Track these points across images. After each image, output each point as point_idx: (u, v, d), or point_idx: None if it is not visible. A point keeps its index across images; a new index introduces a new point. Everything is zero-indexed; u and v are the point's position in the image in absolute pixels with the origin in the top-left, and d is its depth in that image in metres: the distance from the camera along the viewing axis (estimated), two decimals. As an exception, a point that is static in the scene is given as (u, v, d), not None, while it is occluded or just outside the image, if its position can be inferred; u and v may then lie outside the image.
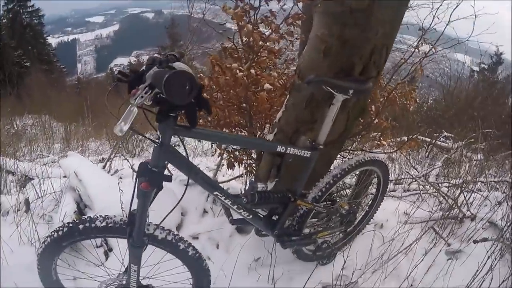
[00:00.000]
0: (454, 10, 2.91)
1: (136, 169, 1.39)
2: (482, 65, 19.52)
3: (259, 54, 2.34)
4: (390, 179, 3.83)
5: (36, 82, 22.30)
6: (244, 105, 2.47)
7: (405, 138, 5.36)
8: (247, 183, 2.94)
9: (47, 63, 31.99)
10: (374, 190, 2.54)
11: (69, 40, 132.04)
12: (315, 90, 1.80)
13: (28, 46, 30.68)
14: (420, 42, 2.86)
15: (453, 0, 3.11)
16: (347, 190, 3.04)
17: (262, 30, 2.47)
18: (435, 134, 6.19)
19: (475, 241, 2.38)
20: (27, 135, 9.96)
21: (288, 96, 1.99)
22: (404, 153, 4.59)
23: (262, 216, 1.84)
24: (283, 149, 1.66)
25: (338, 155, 2.49)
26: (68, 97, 21.58)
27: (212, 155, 4.26)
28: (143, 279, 1.64)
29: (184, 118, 1.30)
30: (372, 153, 2.81)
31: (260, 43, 2.27)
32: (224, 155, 2.97)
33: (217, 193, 1.57)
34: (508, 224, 2.39)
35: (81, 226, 1.42)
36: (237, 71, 2.15)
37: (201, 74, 2.64)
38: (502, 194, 3.03)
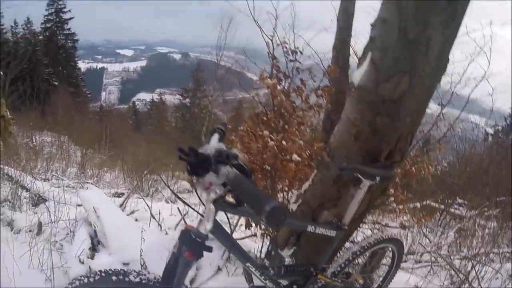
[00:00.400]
0: (473, 89, 3.02)
1: (150, 209, 1.44)
2: (497, 127, 19.46)
3: (289, 123, 2.47)
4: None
5: (61, 102, 22.92)
6: (267, 167, 2.57)
7: (418, 204, 5.35)
8: (263, 244, 2.97)
9: (74, 86, 33.19)
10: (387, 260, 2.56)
11: (98, 68, 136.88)
12: (344, 172, 1.87)
13: (59, 66, 32.12)
14: (439, 117, 2.96)
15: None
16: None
17: (294, 100, 2.62)
18: (448, 201, 6.14)
19: None
20: (44, 152, 10.13)
21: (316, 171, 2.07)
22: (416, 220, 4.57)
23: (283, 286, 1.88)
24: (312, 229, 1.75)
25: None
26: (88, 123, 22.18)
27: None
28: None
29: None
30: (388, 227, 2.84)
31: (291, 112, 2.41)
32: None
33: (249, 265, 1.63)
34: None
35: (114, 278, 1.42)
36: (268, 139, 2.26)
37: (234, 137, 2.74)
38: None
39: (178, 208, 4.04)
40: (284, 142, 2.30)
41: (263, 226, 2.87)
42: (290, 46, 2.76)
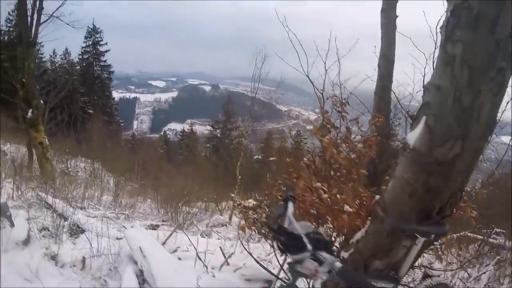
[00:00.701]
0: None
1: (196, 250, 1.57)
2: None
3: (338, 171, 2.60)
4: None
5: (95, 130, 23.67)
6: (313, 211, 2.69)
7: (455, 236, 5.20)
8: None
9: (109, 115, 34.42)
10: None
11: (131, 98, 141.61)
12: (396, 227, 1.98)
13: (95, 95, 33.52)
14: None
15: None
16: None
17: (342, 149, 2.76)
18: (484, 231, 5.95)
19: None
20: (78, 178, 10.43)
21: (369, 224, 2.20)
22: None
23: None
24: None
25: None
26: (121, 150, 22.84)
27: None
28: None
29: None
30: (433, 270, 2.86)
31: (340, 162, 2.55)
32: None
33: None
34: None
35: None
36: (322, 191, 2.39)
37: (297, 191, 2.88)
38: None
39: (221, 248, 4.11)
40: (339, 196, 2.42)
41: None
42: (338, 99, 2.92)
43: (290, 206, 1.67)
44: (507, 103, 3.55)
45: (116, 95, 62.06)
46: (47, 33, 9.33)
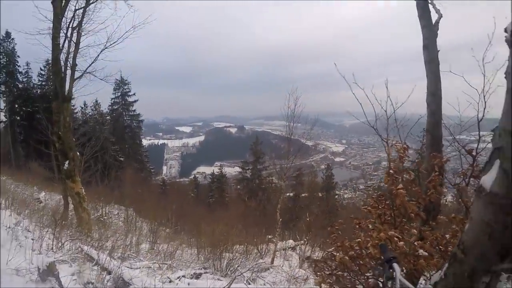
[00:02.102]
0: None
1: None
2: None
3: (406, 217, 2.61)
4: None
5: (127, 177, 24.19)
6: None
7: None
8: None
9: (139, 162, 35.31)
10: None
11: (159, 144, 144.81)
12: (477, 265, 2.04)
13: (125, 144, 34.78)
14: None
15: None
16: None
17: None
18: None
19: None
20: (111, 224, 10.50)
21: (447, 265, 2.23)
22: None
23: None
24: None
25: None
26: (153, 196, 23.10)
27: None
28: None
29: None
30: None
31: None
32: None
33: None
34: None
35: None
36: (397, 239, 2.40)
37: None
38: None
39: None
40: (421, 251, 2.42)
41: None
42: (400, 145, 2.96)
43: (397, 268, 1.68)
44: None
45: (145, 142, 63.94)
46: (80, 87, 9.76)
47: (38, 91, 33.03)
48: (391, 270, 1.59)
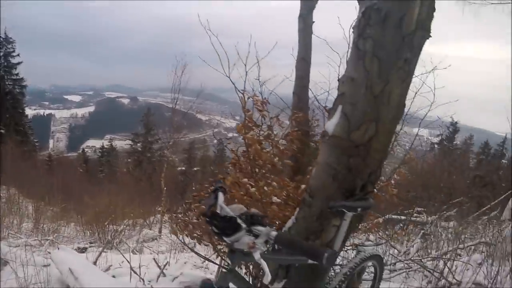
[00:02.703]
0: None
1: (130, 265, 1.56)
2: (441, 137, 21.06)
3: (263, 168, 2.68)
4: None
5: (8, 152, 21.66)
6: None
7: (381, 220, 5.62)
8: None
9: (22, 134, 31.40)
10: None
11: (45, 115, 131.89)
12: (324, 208, 2.11)
13: (6, 113, 30.22)
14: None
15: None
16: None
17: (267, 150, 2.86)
18: (406, 211, 6.46)
19: None
20: None
21: (298, 210, 2.30)
22: (380, 234, 4.83)
23: None
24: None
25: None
26: (38, 173, 21.08)
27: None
28: None
29: None
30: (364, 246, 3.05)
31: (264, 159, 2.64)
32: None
33: None
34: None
35: None
36: (249, 186, 2.45)
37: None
38: (481, 255, 3.28)
39: (155, 259, 4.02)
40: (266, 188, 2.49)
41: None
42: (259, 98, 3.00)
43: (220, 196, 1.69)
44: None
45: (29, 111, 57.32)
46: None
47: None
48: (215, 199, 1.62)
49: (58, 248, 3.78)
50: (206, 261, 3.89)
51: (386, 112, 1.95)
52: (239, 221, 1.51)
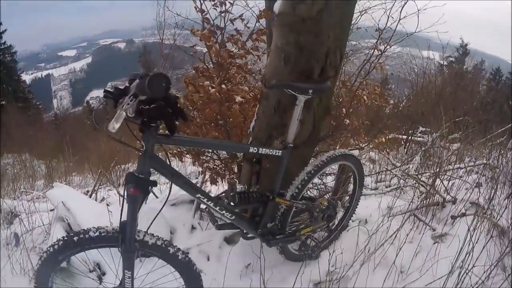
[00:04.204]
0: (402, 8, 3.09)
1: (118, 192, 1.49)
2: (450, 58, 20.11)
3: (229, 70, 2.47)
4: (370, 175, 3.98)
5: (13, 120, 21.80)
6: (220, 122, 2.59)
7: (383, 139, 5.52)
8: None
9: (23, 100, 31.29)
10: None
11: (43, 76, 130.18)
12: (281, 96, 1.94)
13: (3, 84, 29.96)
14: (378, 42, 3.03)
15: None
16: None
17: (230, 49, 2.61)
18: (410, 131, 6.36)
19: (453, 217, 2.54)
20: (8, 175, 9.79)
21: (258, 105, 2.12)
22: (383, 152, 4.72)
23: (245, 217, 1.97)
24: (255, 150, 1.80)
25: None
26: (46, 134, 21.27)
27: (197, 178, 4.33)
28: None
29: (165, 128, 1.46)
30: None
31: (229, 60, 2.40)
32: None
33: (199, 196, 1.68)
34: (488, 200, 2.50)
35: (75, 238, 1.49)
36: (209, 88, 2.27)
37: (178, 95, 2.75)
38: (482, 177, 3.17)
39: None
40: (224, 86, 2.30)
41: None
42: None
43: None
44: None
45: (27, 77, 56.63)
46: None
47: None
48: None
49: (53, 187, 3.77)
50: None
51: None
52: (131, 87, 1.35)
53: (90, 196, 4.17)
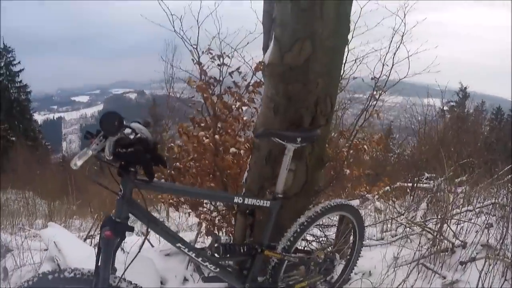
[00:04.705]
0: (394, 54, 3.14)
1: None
2: (450, 103, 20.24)
3: (224, 121, 2.49)
4: (375, 224, 3.86)
5: (21, 157, 21.97)
6: (218, 173, 2.57)
7: (388, 188, 5.42)
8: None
9: (33, 139, 31.51)
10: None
11: (55, 118, 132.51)
12: (272, 147, 1.90)
13: (15, 121, 30.49)
14: (374, 90, 3.05)
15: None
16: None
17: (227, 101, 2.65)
18: (416, 179, 6.27)
19: (462, 263, 2.41)
20: (9, 210, 9.76)
21: (251, 156, 2.09)
22: (388, 202, 4.61)
23: (231, 270, 1.86)
24: (240, 200, 1.74)
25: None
26: (52, 174, 21.31)
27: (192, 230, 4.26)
28: None
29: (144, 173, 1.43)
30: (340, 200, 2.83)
31: (224, 111, 2.43)
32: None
33: (180, 245, 1.61)
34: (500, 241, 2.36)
35: (50, 277, 1.42)
36: (204, 138, 2.26)
37: (172, 144, 2.75)
38: (491, 217, 3.01)
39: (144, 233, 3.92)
40: (217, 136, 2.30)
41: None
42: (215, 52, 2.75)
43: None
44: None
45: (39, 117, 57.68)
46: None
47: None
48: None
49: (47, 226, 3.77)
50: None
51: (320, 27, 1.70)
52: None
53: (85, 240, 4.10)
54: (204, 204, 2.96)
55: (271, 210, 1.82)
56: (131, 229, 1.44)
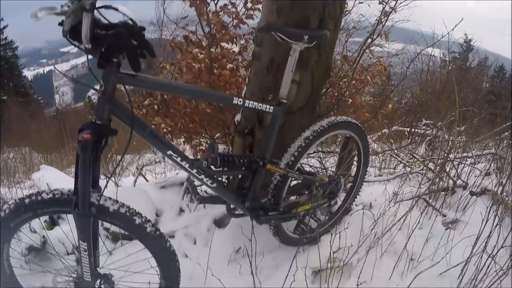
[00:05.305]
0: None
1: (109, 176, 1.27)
2: (454, 54, 19.87)
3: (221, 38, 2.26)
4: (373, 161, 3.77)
5: (14, 115, 21.82)
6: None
7: (386, 130, 5.34)
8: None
9: (24, 95, 31.37)
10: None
11: (45, 72, 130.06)
12: (274, 54, 1.70)
13: (4, 79, 30.02)
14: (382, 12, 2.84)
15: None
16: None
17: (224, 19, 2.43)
18: (414, 124, 6.21)
19: (472, 193, 2.41)
20: (8, 168, 9.82)
21: (250, 68, 1.89)
22: (387, 143, 4.61)
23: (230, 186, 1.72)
24: (240, 102, 1.50)
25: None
26: (47, 128, 21.25)
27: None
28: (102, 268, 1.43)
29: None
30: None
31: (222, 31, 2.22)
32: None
33: (171, 153, 1.40)
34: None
35: (27, 200, 1.27)
36: (198, 54, 2.04)
37: (164, 64, 2.53)
38: (490, 166, 2.95)
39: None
40: (213, 50, 2.08)
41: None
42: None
43: None
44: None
45: (28, 73, 56.66)
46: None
47: None
48: None
49: (40, 169, 3.77)
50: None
51: None
52: None
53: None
54: (200, 136, 2.81)
55: (274, 118, 1.61)
56: (114, 133, 1.22)
